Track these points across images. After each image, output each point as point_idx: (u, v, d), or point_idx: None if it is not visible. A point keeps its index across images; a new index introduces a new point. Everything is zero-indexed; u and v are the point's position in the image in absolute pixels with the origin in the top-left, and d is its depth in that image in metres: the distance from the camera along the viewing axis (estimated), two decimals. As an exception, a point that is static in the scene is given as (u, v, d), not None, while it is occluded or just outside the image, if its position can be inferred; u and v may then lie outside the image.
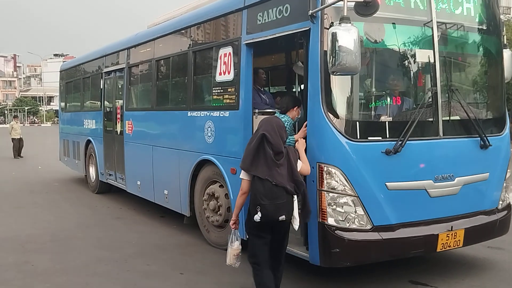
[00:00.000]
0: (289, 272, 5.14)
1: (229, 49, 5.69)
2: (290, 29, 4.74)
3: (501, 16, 5.60)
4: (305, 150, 4.43)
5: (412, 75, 4.89)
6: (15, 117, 22.21)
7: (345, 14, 3.87)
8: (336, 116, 4.33)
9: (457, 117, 4.87)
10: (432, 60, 4.67)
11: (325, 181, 4.31)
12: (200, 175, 6.34)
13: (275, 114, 4.97)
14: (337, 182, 4.30)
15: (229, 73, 5.67)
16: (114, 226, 7.63)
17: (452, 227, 4.67)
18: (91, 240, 6.74)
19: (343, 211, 4.31)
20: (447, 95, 4.77)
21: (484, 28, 5.19)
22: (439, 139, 4.69)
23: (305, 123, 4.63)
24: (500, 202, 5.18)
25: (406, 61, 4.81)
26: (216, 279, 5.10)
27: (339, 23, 3.88)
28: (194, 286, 4.99)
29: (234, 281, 5.00)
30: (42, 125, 70.89)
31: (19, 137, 19.36)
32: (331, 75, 4.20)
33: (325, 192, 4.31)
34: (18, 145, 19.39)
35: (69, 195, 10.52)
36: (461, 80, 5.21)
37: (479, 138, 4.91)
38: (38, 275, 5.29)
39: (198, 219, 6.50)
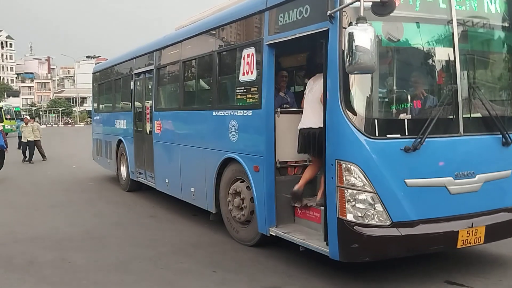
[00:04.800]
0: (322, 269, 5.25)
1: (252, 50, 5.83)
2: (310, 29, 4.85)
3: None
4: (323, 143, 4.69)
5: (431, 73, 4.92)
6: (31, 117, 20.38)
7: (361, 14, 3.96)
8: (354, 113, 4.40)
9: (478, 114, 4.87)
10: (452, 58, 4.69)
11: (344, 178, 4.40)
12: (224, 173, 6.51)
13: None
14: (356, 179, 4.38)
15: (252, 73, 5.81)
16: (148, 224, 7.80)
17: (472, 223, 4.68)
18: (126, 238, 6.90)
19: (362, 207, 4.39)
20: (467, 92, 4.78)
21: (506, 25, 5.16)
22: (460, 136, 4.70)
23: None
24: (524, 200, 5.15)
25: (425, 59, 4.85)
26: (248, 277, 5.15)
27: (356, 23, 3.97)
28: (227, 284, 5.03)
29: (266, 279, 5.07)
30: (76, 125, 72.60)
31: (27, 140, 17.83)
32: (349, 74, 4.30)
33: (345, 189, 4.41)
34: (25, 148, 18.04)
35: (103, 193, 10.83)
36: (482, 78, 5.19)
37: (501, 135, 4.91)
38: (75, 272, 5.44)
39: (225, 220, 6.65)
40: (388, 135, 4.48)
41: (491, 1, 4.98)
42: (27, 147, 18.08)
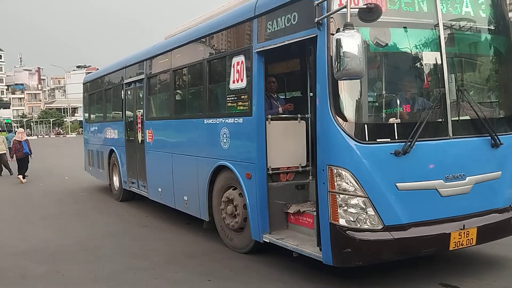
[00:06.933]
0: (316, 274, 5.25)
1: (241, 58, 5.85)
2: (298, 36, 4.89)
3: (510, 14, 5.61)
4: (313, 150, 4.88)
5: (419, 77, 4.96)
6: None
7: (348, 21, 4.00)
8: (344, 119, 4.44)
9: (467, 117, 4.92)
10: (439, 62, 4.74)
11: (335, 183, 4.43)
12: (217, 181, 6.51)
13: None
14: (348, 184, 4.41)
15: (242, 80, 5.83)
16: (141, 234, 7.77)
17: (464, 225, 4.71)
18: (119, 248, 6.86)
19: (354, 212, 4.41)
20: (455, 95, 4.83)
21: (492, 27, 5.22)
22: (449, 139, 4.75)
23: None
24: (514, 200, 5.19)
25: (413, 63, 4.90)
26: (243, 285, 5.15)
27: (343, 30, 4.01)
28: (222, 293, 5.03)
29: (261, 287, 5.07)
30: (67, 136, 72.22)
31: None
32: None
33: (336, 194, 4.43)
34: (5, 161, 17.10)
35: (95, 204, 10.79)
36: (470, 80, 5.24)
37: (490, 137, 4.95)
38: (68, 285, 5.39)
39: (219, 228, 6.63)
40: (378, 140, 4.52)
41: (477, 4, 5.04)
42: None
